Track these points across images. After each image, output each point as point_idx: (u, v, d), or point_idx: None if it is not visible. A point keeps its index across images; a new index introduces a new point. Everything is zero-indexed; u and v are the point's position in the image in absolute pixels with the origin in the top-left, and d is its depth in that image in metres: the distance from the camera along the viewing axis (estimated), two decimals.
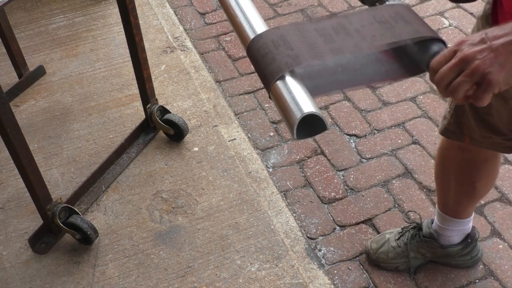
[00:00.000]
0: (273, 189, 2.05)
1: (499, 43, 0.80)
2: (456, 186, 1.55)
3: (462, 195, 1.57)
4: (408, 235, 1.75)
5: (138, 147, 2.19)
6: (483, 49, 0.80)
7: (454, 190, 1.57)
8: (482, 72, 0.79)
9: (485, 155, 1.45)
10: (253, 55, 0.91)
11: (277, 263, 1.81)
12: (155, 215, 1.97)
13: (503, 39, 0.80)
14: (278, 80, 0.85)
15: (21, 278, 1.80)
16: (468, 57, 0.80)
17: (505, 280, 1.75)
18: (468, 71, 0.80)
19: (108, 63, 2.62)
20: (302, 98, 0.83)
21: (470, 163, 1.48)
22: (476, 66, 0.80)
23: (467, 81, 0.81)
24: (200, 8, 2.96)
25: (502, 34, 0.80)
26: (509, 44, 0.79)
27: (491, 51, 0.80)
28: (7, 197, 2.05)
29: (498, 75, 0.79)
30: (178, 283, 1.77)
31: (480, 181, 1.52)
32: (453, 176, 1.54)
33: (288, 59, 0.86)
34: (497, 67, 0.79)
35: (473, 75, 0.80)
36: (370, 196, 2.01)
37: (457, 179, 1.54)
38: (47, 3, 3.00)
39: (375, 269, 1.79)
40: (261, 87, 2.47)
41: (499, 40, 0.80)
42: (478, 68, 0.79)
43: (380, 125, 2.27)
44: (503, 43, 0.80)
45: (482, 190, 1.56)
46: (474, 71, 0.80)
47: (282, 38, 0.91)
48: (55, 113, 2.38)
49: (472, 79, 0.80)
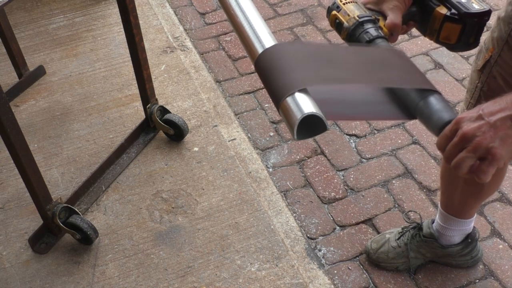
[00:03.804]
0: (273, 189, 2.05)
1: (497, 119, 0.82)
2: (464, 185, 1.55)
3: (468, 195, 1.57)
4: (408, 235, 1.75)
5: (138, 147, 2.19)
6: (481, 125, 0.82)
7: (461, 190, 1.56)
8: (485, 147, 0.81)
9: None
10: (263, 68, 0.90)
11: (277, 263, 1.81)
12: (155, 215, 1.97)
13: (499, 114, 0.82)
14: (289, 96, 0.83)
15: (21, 278, 1.80)
16: (468, 134, 0.82)
17: (505, 280, 1.75)
18: (470, 147, 0.82)
19: (108, 63, 2.62)
20: (302, 98, 0.83)
21: None
22: (477, 142, 0.81)
23: (470, 157, 0.83)
24: (200, 8, 2.96)
25: (498, 110, 0.82)
26: (507, 119, 0.82)
27: (490, 127, 0.81)
28: (7, 197, 2.05)
29: (501, 149, 0.81)
30: (178, 283, 1.77)
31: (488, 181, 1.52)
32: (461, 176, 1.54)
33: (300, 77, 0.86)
34: (498, 141, 0.81)
35: (476, 150, 0.82)
36: (370, 196, 2.01)
37: (465, 179, 1.53)
38: (47, 3, 3.00)
39: (375, 269, 1.79)
40: (261, 87, 2.47)
41: (496, 116, 0.82)
42: (480, 144, 0.81)
43: (380, 125, 2.27)
44: (501, 118, 0.82)
45: (489, 190, 1.56)
46: (476, 147, 0.82)
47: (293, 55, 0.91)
48: (55, 113, 2.38)
49: (475, 154, 0.82)
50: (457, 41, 1.08)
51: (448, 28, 1.07)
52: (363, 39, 1.05)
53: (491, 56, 1.22)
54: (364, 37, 1.04)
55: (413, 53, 2.58)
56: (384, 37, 1.04)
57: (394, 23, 1.07)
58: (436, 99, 0.90)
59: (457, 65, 2.51)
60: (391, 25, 1.07)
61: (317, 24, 2.81)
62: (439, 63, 2.53)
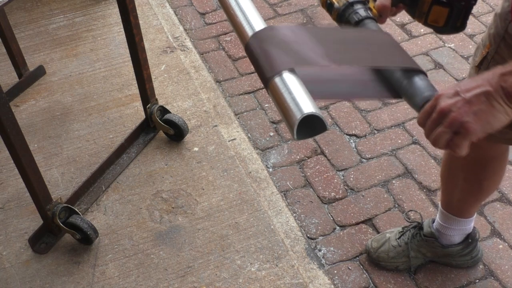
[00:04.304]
0: (273, 189, 2.05)
1: (472, 95, 0.85)
2: (463, 184, 1.55)
3: (468, 194, 1.57)
4: (408, 235, 1.75)
5: (138, 147, 2.19)
6: (457, 101, 0.86)
7: (461, 188, 1.57)
8: (459, 122, 0.85)
9: (494, 153, 1.46)
10: (252, 51, 0.94)
11: (277, 263, 1.81)
12: (155, 215, 1.97)
13: (475, 90, 0.85)
14: (277, 76, 0.86)
15: (21, 278, 1.80)
16: (444, 110, 0.86)
17: (505, 280, 1.75)
18: (446, 122, 0.86)
19: (108, 63, 2.62)
20: (302, 98, 0.83)
21: (479, 160, 1.48)
22: (452, 117, 0.85)
23: (446, 132, 0.87)
24: (200, 8, 2.96)
25: (474, 87, 0.86)
26: (481, 95, 0.85)
27: (465, 103, 0.85)
28: (7, 197, 2.05)
29: (475, 124, 0.85)
30: (178, 283, 1.77)
31: (487, 180, 1.52)
32: (460, 174, 1.54)
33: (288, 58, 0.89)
34: (472, 116, 0.85)
35: (451, 125, 0.86)
36: (370, 196, 2.01)
37: (465, 177, 1.54)
38: (47, 3, 3.00)
39: (375, 269, 1.79)
40: (261, 87, 2.47)
41: (471, 92, 0.86)
42: (455, 119, 0.85)
43: (380, 125, 2.27)
44: (476, 94, 0.85)
45: (489, 189, 1.56)
46: (451, 122, 0.86)
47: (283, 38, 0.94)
48: (55, 113, 2.38)
49: (451, 129, 0.86)
50: (444, 24, 1.11)
51: (436, 11, 1.10)
52: (352, 20, 1.08)
53: (488, 52, 1.23)
54: (354, 17, 1.08)
55: (413, 53, 2.58)
56: (373, 18, 1.08)
57: (383, 5, 1.10)
58: (420, 79, 0.94)
59: (457, 65, 2.51)
60: (380, 7, 1.10)
61: (317, 24, 2.81)
62: (439, 63, 2.53)
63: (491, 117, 0.85)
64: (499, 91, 0.85)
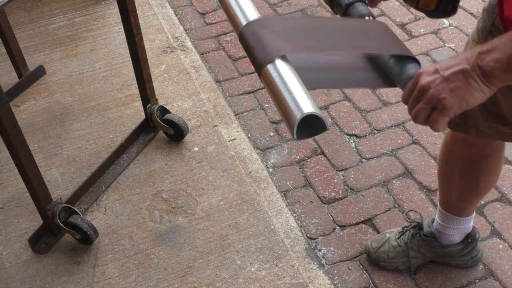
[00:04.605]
0: (273, 189, 2.05)
1: (450, 72, 0.89)
2: (460, 181, 1.56)
3: (465, 191, 1.58)
4: (408, 234, 1.75)
5: (138, 147, 2.19)
6: (436, 78, 0.90)
7: (458, 186, 1.57)
8: (436, 98, 0.89)
9: (489, 150, 1.47)
10: (246, 39, 0.97)
11: (277, 263, 1.81)
12: (155, 215, 1.97)
13: (453, 68, 0.89)
14: (269, 63, 0.89)
15: (21, 278, 1.80)
16: (424, 87, 0.90)
17: (505, 280, 1.75)
18: (425, 99, 0.90)
19: (108, 63, 2.62)
20: (302, 98, 0.83)
21: (474, 158, 1.49)
22: (431, 93, 0.89)
23: (425, 108, 0.91)
24: (200, 8, 2.96)
25: (452, 65, 0.90)
26: (458, 73, 0.88)
27: (443, 80, 0.89)
28: (7, 197, 2.05)
29: (451, 100, 0.89)
30: (178, 283, 1.77)
31: (483, 177, 1.53)
32: (457, 172, 1.55)
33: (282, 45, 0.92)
34: (449, 93, 0.89)
35: (430, 102, 0.90)
36: (370, 196, 2.01)
37: (461, 175, 1.55)
38: (47, 3, 3.00)
39: (375, 269, 1.79)
40: (261, 87, 2.47)
41: (449, 70, 0.89)
42: (433, 95, 0.89)
43: (380, 125, 2.27)
44: (454, 72, 0.89)
45: (486, 186, 1.57)
46: (430, 99, 0.90)
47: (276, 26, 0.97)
48: (55, 113, 2.38)
49: (429, 105, 0.90)
50: (435, 8, 1.13)
51: None
52: (343, 2, 1.11)
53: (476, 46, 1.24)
54: (344, 0, 1.10)
55: (413, 53, 2.58)
56: (364, 1, 1.11)
57: None
58: (413, 66, 0.97)
59: None
60: None
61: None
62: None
63: (467, 94, 0.89)
64: (476, 69, 0.88)
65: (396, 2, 2.87)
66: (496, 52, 0.87)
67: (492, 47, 0.88)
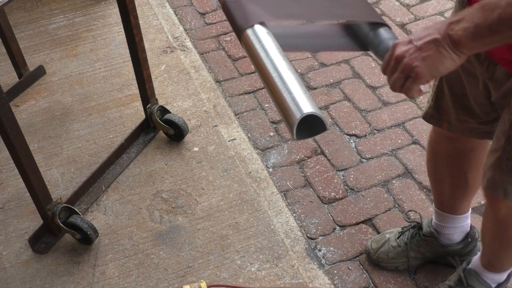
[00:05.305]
0: (273, 189, 2.05)
1: (423, 42, 0.94)
2: (449, 179, 1.59)
3: (455, 188, 1.59)
4: (408, 235, 1.75)
5: (138, 147, 2.19)
6: (410, 48, 0.95)
7: (448, 184, 1.60)
8: (410, 67, 0.94)
9: (472, 145, 1.50)
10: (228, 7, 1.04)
11: (277, 263, 1.81)
12: (155, 215, 1.97)
13: (425, 38, 0.94)
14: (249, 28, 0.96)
15: (21, 278, 1.80)
16: (399, 57, 0.96)
17: None
18: (400, 68, 0.96)
19: (108, 63, 2.62)
20: (302, 98, 0.83)
21: (459, 153, 1.52)
22: (405, 62, 0.95)
23: (400, 77, 0.96)
24: (200, 8, 2.96)
25: (425, 35, 0.95)
26: (430, 43, 0.93)
27: (416, 49, 0.94)
28: (7, 197, 2.05)
29: (423, 68, 0.94)
30: (178, 283, 1.77)
31: (471, 172, 1.55)
32: (445, 169, 1.58)
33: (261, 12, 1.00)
34: (421, 61, 0.94)
35: (404, 70, 0.95)
36: (370, 196, 2.01)
37: (449, 172, 1.57)
38: (47, 3, 3.00)
39: (375, 269, 1.79)
40: (261, 87, 2.47)
41: (422, 40, 0.94)
42: (406, 64, 0.94)
43: (380, 125, 2.27)
44: (426, 42, 0.94)
45: (474, 181, 1.58)
46: (404, 68, 0.95)
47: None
48: (55, 113, 2.38)
49: (403, 74, 0.95)
50: None
51: None
52: None
53: None
54: None
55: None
56: None
57: None
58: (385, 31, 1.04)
59: None
60: None
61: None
62: None
63: (438, 62, 0.94)
64: (446, 38, 0.92)
65: (396, 2, 2.87)
66: (464, 22, 0.91)
67: (461, 17, 0.92)
